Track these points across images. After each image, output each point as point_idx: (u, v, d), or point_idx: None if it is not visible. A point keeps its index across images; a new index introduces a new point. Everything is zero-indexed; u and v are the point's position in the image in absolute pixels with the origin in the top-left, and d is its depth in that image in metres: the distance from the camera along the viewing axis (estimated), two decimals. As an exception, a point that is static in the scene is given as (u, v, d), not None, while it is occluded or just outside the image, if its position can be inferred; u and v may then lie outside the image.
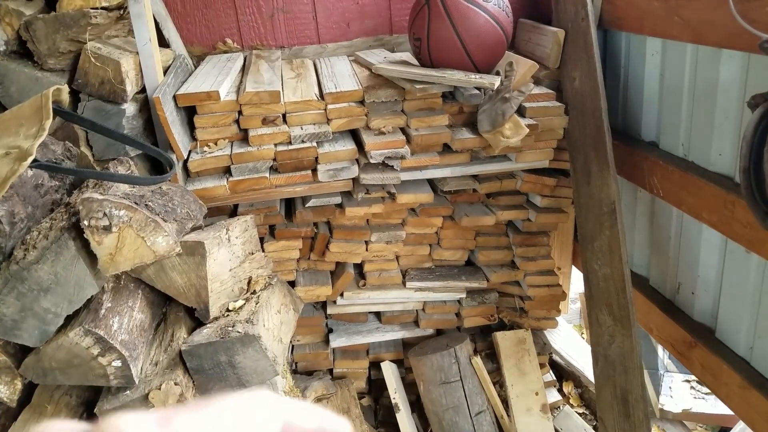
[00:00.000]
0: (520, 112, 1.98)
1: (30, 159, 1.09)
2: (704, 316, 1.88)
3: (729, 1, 1.38)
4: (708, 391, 2.49)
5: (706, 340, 1.82)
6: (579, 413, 2.46)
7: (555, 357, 2.64)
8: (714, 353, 1.76)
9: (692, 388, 2.60)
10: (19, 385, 1.21)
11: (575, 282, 2.77)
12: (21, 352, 1.22)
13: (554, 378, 2.54)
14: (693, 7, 1.64)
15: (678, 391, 2.57)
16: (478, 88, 1.92)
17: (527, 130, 1.89)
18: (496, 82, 1.85)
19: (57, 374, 1.21)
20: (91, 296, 1.23)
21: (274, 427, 0.35)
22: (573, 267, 2.64)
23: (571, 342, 2.69)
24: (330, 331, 2.37)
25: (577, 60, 2.01)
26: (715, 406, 2.43)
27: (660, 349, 2.61)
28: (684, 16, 1.68)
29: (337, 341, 2.33)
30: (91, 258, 1.20)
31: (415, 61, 2.08)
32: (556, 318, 2.50)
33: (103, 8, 1.68)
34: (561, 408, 2.45)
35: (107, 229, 1.16)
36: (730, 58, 1.58)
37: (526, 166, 2.09)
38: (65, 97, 1.31)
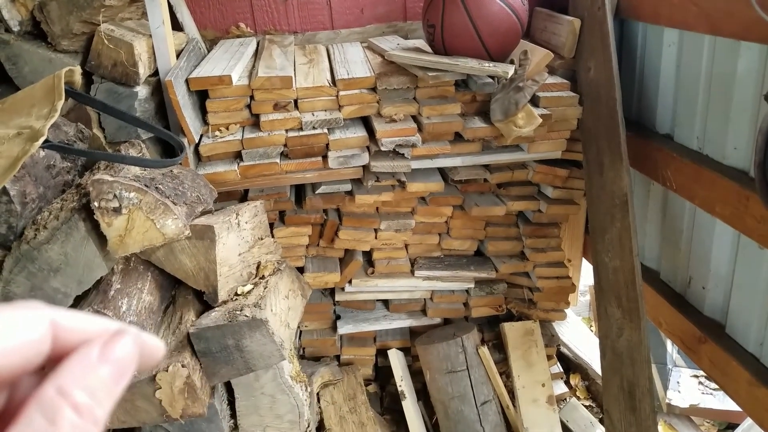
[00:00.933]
0: (534, 101, 1.96)
1: (41, 139, 1.09)
2: (714, 311, 1.86)
3: (749, -8, 1.36)
4: (716, 386, 2.48)
5: (716, 335, 1.81)
6: (585, 406, 2.45)
7: (563, 349, 2.63)
8: (723, 349, 1.75)
9: (700, 383, 2.59)
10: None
11: (585, 274, 2.76)
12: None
13: (561, 370, 2.54)
14: (712, -3, 1.61)
15: (686, 386, 2.56)
16: (492, 77, 1.90)
17: (540, 120, 1.87)
18: (510, 70, 1.84)
19: (65, 354, 1.22)
20: (101, 277, 1.24)
21: (39, 327, 0.34)
22: (583, 259, 2.63)
23: (579, 334, 2.69)
24: (337, 317, 2.38)
25: (593, 50, 1.98)
26: (723, 402, 2.42)
27: (669, 344, 2.59)
28: (701, 6, 1.65)
29: (344, 328, 2.34)
30: (101, 239, 1.20)
31: (428, 49, 2.06)
32: (565, 310, 2.49)
33: (116, -10, 1.68)
34: (567, 400, 2.45)
35: (117, 210, 1.17)
36: (748, 50, 1.56)
37: (538, 156, 2.07)
38: (78, 78, 1.31)
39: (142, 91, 1.68)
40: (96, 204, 1.16)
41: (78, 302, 1.23)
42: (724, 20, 1.57)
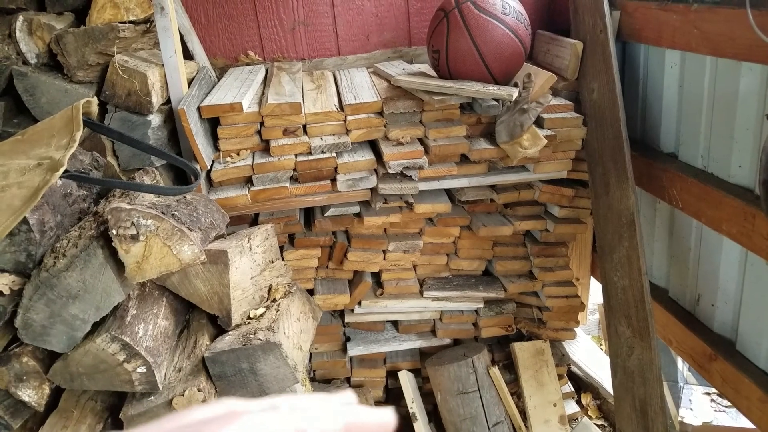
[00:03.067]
0: (539, 123, 1.99)
1: (62, 170, 1.12)
2: (724, 329, 1.86)
3: (748, 14, 1.39)
4: (728, 403, 2.46)
5: (727, 352, 1.81)
6: (597, 425, 2.44)
7: (573, 368, 2.63)
8: (734, 366, 1.75)
9: (712, 400, 2.58)
10: (47, 389, 1.24)
11: (594, 293, 2.76)
12: (49, 358, 1.26)
13: (572, 389, 2.53)
14: (712, 19, 1.64)
15: (698, 404, 2.55)
16: (496, 100, 1.93)
17: (545, 141, 1.90)
18: (514, 93, 1.87)
19: (84, 379, 1.24)
20: (118, 303, 1.26)
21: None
22: (591, 278, 2.63)
23: (589, 353, 2.68)
24: (347, 339, 2.39)
25: (596, 71, 2.01)
26: (737, 419, 2.41)
27: (680, 361, 2.58)
28: (703, 28, 1.68)
29: (354, 350, 2.34)
30: (119, 266, 1.23)
31: (433, 73, 2.10)
32: (575, 329, 2.49)
33: (130, 22, 1.73)
34: (579, 419, 2.44)
35: (135, 237, 1.19)
36: (750, 71, 1.58)
37: (544, 176, 2.09)
38: (94, 108, 1.34)
39: (156, 119, 1.71)
40: (114, 231, 1.19)
41: (96, 328, 1.25)
42: (725, 43, 1.60)
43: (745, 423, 1.79)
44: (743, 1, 1.42)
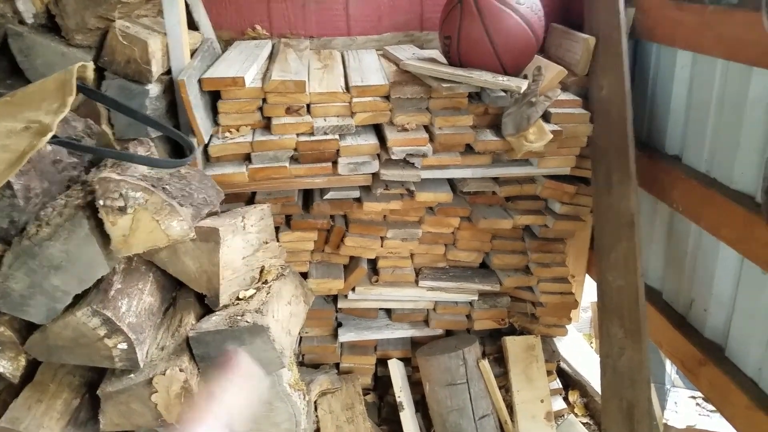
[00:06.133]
0: (545, 117, 1.96)
1: (50, 135, 1.09)
2: (715, 334, 1.85)
3: (764, 19, 1.35)
4: (713, 408, 2.46)
5: (716, 358, 1.81)
6: (583, 423, 2.43)
7: (563, 365, 2.62)
8: (723, 372, 1.75)
9: (697, 404, 2.57)
10: (23, 361, 1.22)
11: (588, 291, 2.74)
12: (27, 329, 1.23)
13: (560, 386, 2.52)
14: (728, 22, 1.60)
15: (683, 407, 2.55)
16: (505, 91, 1.89)
17: (551, 136, 1.87)
18: (524, 85, 1.83)
19: (62, 353, 1.21)
20: (102, 276, 1.23)
21: None
22: (586, 275, 2.61)
23: (579, 351, 2.67)
24: (339, 325, 2.37)
25: (607, 68, 1.97)
26: (720, 424, 2.40)
27: (668, 364, 2.58)
28: (718, 30, 1.64)
29: (345, 336, 2.33)
30: (104, 238, 1.20)
31: (443, 60, 2.06)
32: (567, 326, 2.48)
33: (133, -13, 1.69)
34: (565, 416, 2.43)
35: (122, 210, 1.16)
36: (761, 77, 1.56)
37: (547, 171, 2.06)
38: (90, 74, 1.30)
39: (154, 89, 1.67)
40: (101, 202, 1.16)
41: (77, 300, 1.23)
42: (739, 46, 1.57)
43: (730, 428, 1.78)
44: (761, 5, 1.38)
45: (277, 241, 1.88)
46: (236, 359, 1.29)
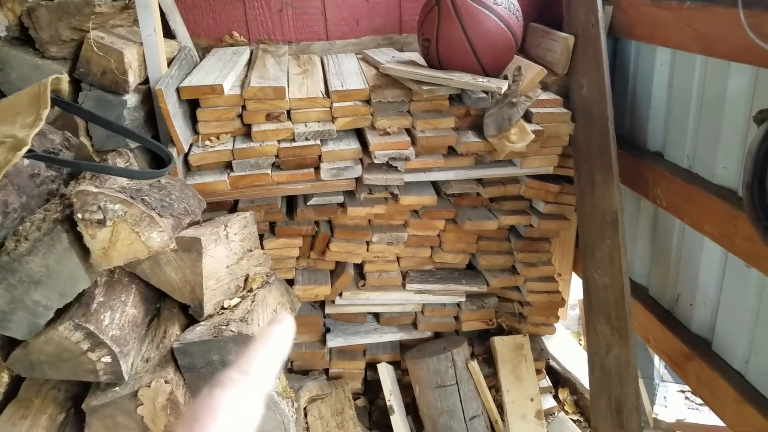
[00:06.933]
0: (527, 117, 1.96)
1: (25, 149, 1.07)
2: (702, 328, 1.86)
3: (740, 15, 1.36)
4: (702, 402, 2.47)
5: (703, 352, 1.81)
6: (574, 420, 2.44)
7: (552, 363, 2.62)
8: (710, 366, 1.75)
9: (686, 398, 2.58)
10: (5, 377, 1.20)
11: (575, 288, 2.75)
12: (9, 345, 1.21)
13: (550, 384, 2.53)
14: (705, 18, 1.61)
15: (672, 401, 2.56)
16: (486, 92, 1.89)
17: (533, 136, 1.87)
18: (504, 86, 1.83)
19: (45, 368, 1.20)
20: (83, 290, 1.21)
21: None
22: (573, 273, 2.62)
23: (568, 348, 2.68)
24: (327, 330, 2.35)
25: (586, 67, 1.98)
26: (709, 417, 2.41)
27: (656, 359, 2.59)
28: (695, 27, 1.65)
29: (334, 341, 2.31)
30: (84, 251, 1.18)
31: (423, 62, 2.06)
32: (555, 324, 2.48)
33: (108, -3, 1.67)
34: (556, 414, 2.44)
35: (101, 222, 1.15)
36: (739, 72, 1.56)
37: (530, 171, 2.07)
38: (65, 86, 1.29)
39: (132, 99, 1.66)
40: (80, 215, 1.14)
41: (59, 315, 1.21)
42: (717, 42, 1.58)
43: (718, 422, 1.79)
44: (737, 1, 1.40)
45: (262, 248, 1.86)
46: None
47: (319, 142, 1.87)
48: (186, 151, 1.79)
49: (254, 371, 0.41)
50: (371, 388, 2.46)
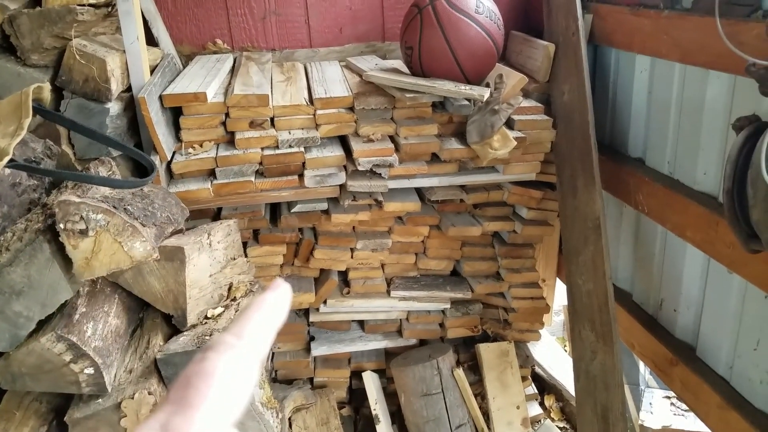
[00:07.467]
0: (509, 124, 1.98)
1: (6, 159, 1.06)
2: (686, 334, 1.88)
3: (717, 24, 1.38)
4: (687, 408, 2.49)
5: (687, 358, 1.82)
6: (560, 427, 2.45)
7: (537, 369, 2.63)
8: (694, 372, 1.76)
9: (672, 404, 2.60)
10: (-14, 390, 1.18)
11: (559, 294, 2.76)
12: (-11, 357, 1.19)
13: (536, 391, 2.53)
14: (682, 27, 1.64)
15: (658, 407, 2.57)
16: (468, 99, 1.91)
17: (515, 143, 1.88)
18: (486, 93, 1.84)
19: (27, 380, 1.18)
20: (66, 300, 1.20)
21: None
22: (557, 279, 2.63)
23: (553, 355, 2.69)
24: (312, 338, 2.34)
25: (567, 74, 2.00)
26: (695, 423, 2.43)
27: (641, 365, 2.60)
28: (673, 35, 1.68)
29: (318, 349, 2.30)
30: (66, 262, 1.17)
31: (406, 70, 2.07)
32: (540, 330, 2.49)
33: (90, 5, 1.66)
34: (542, 421, 2.44)
35: (84, 233, 1.13)
36: (717, 80, 1.59)
37: (513, 178, 2.08)
38: (46, 95, 1.28)
39: (114, 107, 1.65)
40: (62, 225, 1.13)
41: (41, 326, 1.19)
42: (694, 50, 1.60)
43: (704, 427, 1.81)
44: (713, 10, 1.42)
45: (246, 256, 1.86)
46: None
47: (302, 149, 1.87)
48: (169, 159, 1.78)
49: (249, 335, 0.40)
50: (356, 396, 2.45)
